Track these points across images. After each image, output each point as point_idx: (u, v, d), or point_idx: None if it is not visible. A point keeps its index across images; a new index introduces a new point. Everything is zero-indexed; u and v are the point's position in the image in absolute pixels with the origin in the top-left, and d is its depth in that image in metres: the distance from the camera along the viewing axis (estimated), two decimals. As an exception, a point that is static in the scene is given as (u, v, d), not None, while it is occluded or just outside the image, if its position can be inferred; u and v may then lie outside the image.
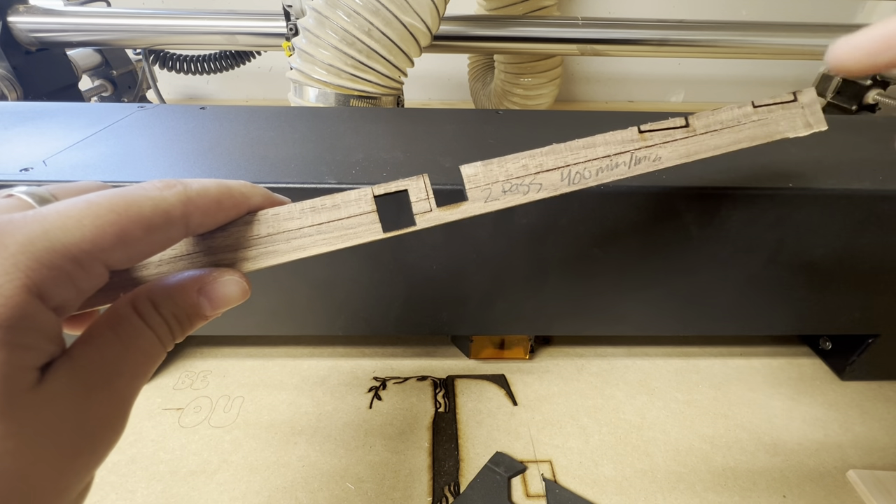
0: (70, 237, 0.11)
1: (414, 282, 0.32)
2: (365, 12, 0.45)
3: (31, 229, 0.11)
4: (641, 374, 0.38)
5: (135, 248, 0.13)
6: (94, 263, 0.12)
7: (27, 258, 0.11)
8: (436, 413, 0.34)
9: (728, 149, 0.19)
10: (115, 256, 0.12)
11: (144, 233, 0.13)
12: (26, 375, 0.11)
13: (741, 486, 0.30)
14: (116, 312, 0.14)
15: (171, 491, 0.28)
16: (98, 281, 0.12)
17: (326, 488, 0.29)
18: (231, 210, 0.15)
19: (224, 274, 0.15)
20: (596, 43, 0.64)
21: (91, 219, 0.12)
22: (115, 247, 0.12)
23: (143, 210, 0.13)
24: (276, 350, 0.39)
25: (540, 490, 0.29)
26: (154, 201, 0.13)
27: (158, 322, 0.14)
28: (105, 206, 0.12)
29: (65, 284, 0.11)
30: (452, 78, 1.01)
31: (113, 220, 0.12)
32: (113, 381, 0.13)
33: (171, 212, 0.13)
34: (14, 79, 0.61)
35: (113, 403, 0.13)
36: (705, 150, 0.19)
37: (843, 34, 0.15)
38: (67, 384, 0.12)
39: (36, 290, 0.11)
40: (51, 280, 0.11)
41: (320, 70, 0.48)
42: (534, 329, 0.36)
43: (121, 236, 0.12)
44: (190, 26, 0.62)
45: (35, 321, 0.11)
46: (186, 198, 0.14)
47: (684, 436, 0.33)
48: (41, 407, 0.11)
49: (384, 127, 0.36)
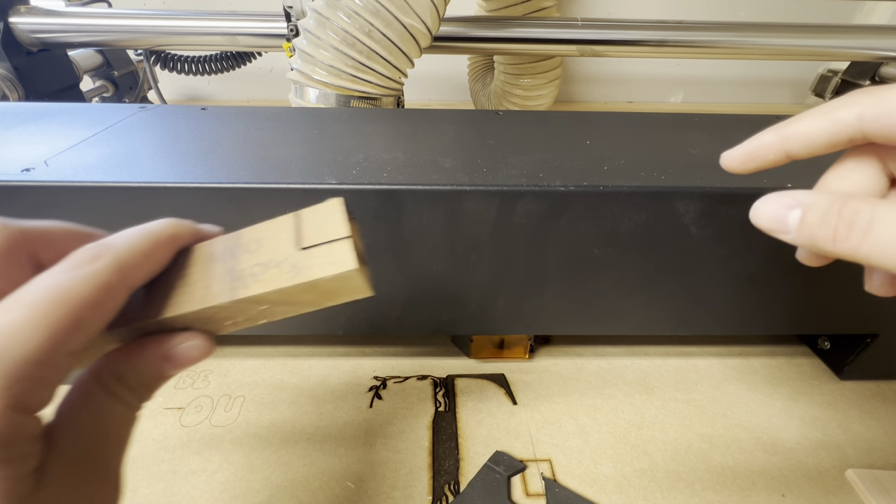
0: (29, 347, 0.11)
1: (414, 282, 0.32)
2: (365, 13, 0.45)
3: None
4: (640, 374, 0.38)
5: (91, 327, 0.13)
6: (60, 357, 0.12)
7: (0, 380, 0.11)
8: (436, 412, 0.34)
9: None
10: (73, 343, 0.12)
11: (93, 312, 0.13)
12: (27, 483, 0.11)
13: (740, 485, 0.30)
14: (84, 392, 0.14)
15: (172, 490, 0.29)
16: (66, 370, 0.13)
17: (327, 487, 0.29)
18: (163, 256, 0.15)
19: (187, 339, 0.15)
20: (595, 44, 0.64)
21: (41, 320, 0.11)
22: (73, 336, 0.12)
23: (85, 292, 0.12)
24: (277, 350, 0.39)
25: (539, 489, 0.29)
26: (90, 279, 0.13)
27: (125, 393, 0.14)
28: (48, 304, 0.12)
29: (39, 388, 0.12)
30: (452, 79, 1.02)
31: (62, 314, 0.12)
32: (100, 458, 0.13)
33: (109, 283, 0.13)
34: (15, 79, 0.61)
35: (105, 478, 0.13)
36: None
37: (843, 35, 0.16)
38: (63, 477, 0.12)
39: (17, 405, 0.11)
40: (26, 391, 0.11)
41: (321, 71, 0.48)
42: (534, 329, 0.36)
43: (74, 325, 0.12)
44: (191, 27, 0.63)
45: (23, 432, 0.11)
46: (119, 262, 0.13)
47: (683, 435, 0.33)
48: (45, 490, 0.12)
49: (384, 127, 0.37)
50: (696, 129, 0.38)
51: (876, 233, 0.13)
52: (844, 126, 0.16)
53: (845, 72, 0.84)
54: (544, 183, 0.28)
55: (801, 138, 0.16)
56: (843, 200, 0.14)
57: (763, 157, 0.17)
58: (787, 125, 0.17)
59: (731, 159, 0.18)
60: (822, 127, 0.16)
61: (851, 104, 0.16)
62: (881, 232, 0.13)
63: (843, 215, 0.14)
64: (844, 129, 0.16)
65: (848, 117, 0.16)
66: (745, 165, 0.18)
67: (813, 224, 0.15)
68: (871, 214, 0.13)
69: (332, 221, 0.16)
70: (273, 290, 0.15)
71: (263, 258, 0.16)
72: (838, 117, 0.16)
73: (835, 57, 0.66)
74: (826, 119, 0.16)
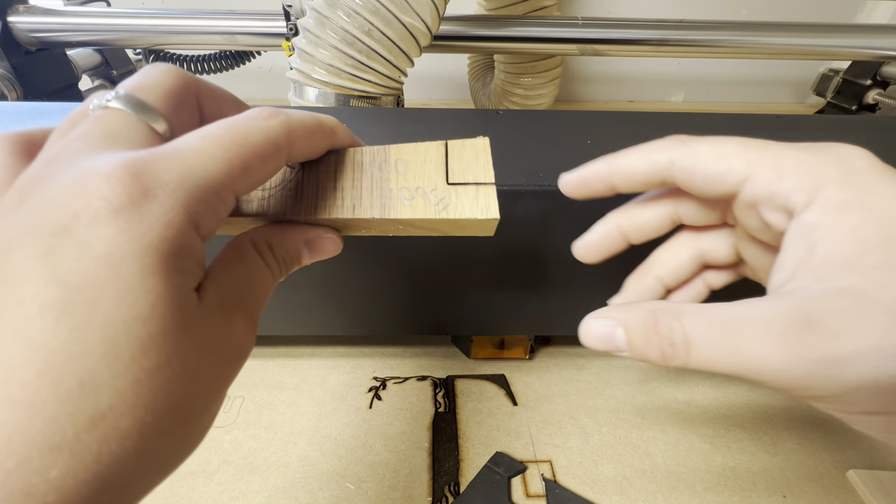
0: (210, 173, 0.12)
1: (414, 282, 0.32)
2: (365, 12, 0.45)
3: (179, 167, 0.12)
4: (641, 374, 0.38)
5: (254, 177, 0.14)
6: (228, 194, 0.13)
7: (185, 194, 0.12)
8: (436, 413, 0.34)
9: None
10: (241, 186, 0.13)
11: (261, 162, 0.13)
12: (192, 297, 0.12)
13: (741, 486, 0.29)
14: (240, 248, 0.15)
15: (170, 491, 0.28)
16: (229, 209, 0.14)
17: (326, 488, 0.29)
18: (322, 142, 0.16)
19: (327, 232, 0.17)
20: (596, 43, 0.64)
21: (221, 153, 0.12)
22: (241, 177, 0.13)
23: (258, 141, 0.13)
24: (276, 350, 0.39)
25: (540, 490, 0.29)
26: (264, 131, 0.14)
27: (272, 261, 0.16)
28: (229, 140, 0.13)
29: (211, 215, 0.13)
30: (452, 78, 1.01)
31: (237, 153, 0.13)
32: (247, 303, 0.14)
33: (278, 141, 0.14)
34: (14, 79, 0.61)
35: (247, 325, 0.14)
36: None
37: (844, 34, 0.15)
38: (217, 304, 0.13)
39: (194, 221, 0.12)
40: (202, 213, 0.12)
41: (320, 70, 0.48)
42: (534, 329, 0.36)
43: (244, 168, 0.13)
44: (190, 26, 0.62)
45: (193, 249, 0.12)
46: (289, 127, 0.14)
47: (684, 436, 0.33)
48: (207, 322, 0.13)
49: (384, 127, 0.36)
50: (698, 128, 0.38)
51: (695, 351, 0.14)
52: (659, 168, 0.17)
53: (846, 71, 0.84)
54: (544, 183, 0.28)
55: (624, 173, 0.18)
56: (655, 317, 0.14)
57: (593, 186, 0.18)
58: (615, 157, 0.18)
59: (566, 183, 0.19)
60: (642, 166, 0.17)
61: (667, 149, 0.17)
62: (700, 351, 0.14)
63: (661, 335, 0.14)
64: (659, 171, 0.17)
65: (663, 161, 0.17)
66: (578, 191, 0.19)
67: (639, 346, 0.15)
68: (684, 332, 0.14)
69: (479, 161, 0.17)
70: (419, 217, 0.16)
71: (411, 183, 0.16)
72: (656, 159, 0.17)
73: (836, 56, 0.66)
74: (646, 159, 0.17)
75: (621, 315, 0.15)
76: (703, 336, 0.14)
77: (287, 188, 0.17)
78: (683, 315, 0.14)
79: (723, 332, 0.13)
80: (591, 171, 0.18)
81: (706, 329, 0.14)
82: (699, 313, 0.14)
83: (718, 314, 0.14)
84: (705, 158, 0.16)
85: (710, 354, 0.13)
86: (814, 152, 0.15)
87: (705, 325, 0.14)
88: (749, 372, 0.13)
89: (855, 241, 0.13)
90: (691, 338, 0.14)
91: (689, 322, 0.14)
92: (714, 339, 0.13)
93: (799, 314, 0.13)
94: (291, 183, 0.17)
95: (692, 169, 0.16)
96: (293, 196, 0.17)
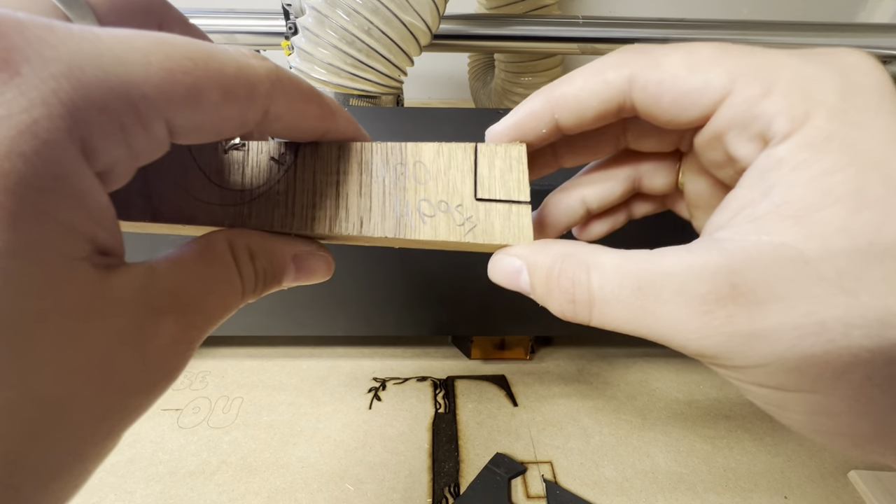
0: (130, 72, 0.08)
1: (414, 282, 0.32)
2: (365, 11, 0.44)
3: (78, 46, 0.08)
4: (642, 375, 0.38)
5: (205, 116, 0.10)
6: (155, 118, 0.09)
7: (71, 86, 0.07)
8: (436, 414, 0.34)
9: None
10: (180, 118, 0.09)
11: (221, 97, 0.10)
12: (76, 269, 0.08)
13: (742, 487, 0.29)
14: (210, 246, 0.12)
15: (169, 492, 0.28)
16: (154, 147, 0.09)
17: (326, 489, 0.29)
18: (313, 117, 0.13)
19: (319, 249, 0.15)
20: (596, 42, 0.63)
21: (160, 57, 0.09)
22: (184, 104, 0.09)
23: (226, 69, 0.10)
24: (276, 350, 0.39)
25: (540, 491, 0.29)
26: (239, 65, 0.10)
27: (249, 272, 0.13)
28: (180, 49, 0.09)
29: (114, 137, 0.08)
30: (452, 77, 1.01)
31: (187, 69, 0.09)
32: (188, 312, 0.11)
33: (256, 83, 0.10)
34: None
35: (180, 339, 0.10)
36: None
37: (845, 33, 0.15)
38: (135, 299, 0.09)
39: (78, 135, 0.08)
40: (98, 127, 0.08)
41: (320, 69, 0.48)
42: (534, 329, 0.36)
43: (193, 91, 0.09)
44: (189, 25, 0.62)
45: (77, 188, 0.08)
46: (276, 76, 0.11)
47: (685, 436, 0.33)
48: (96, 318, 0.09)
49: (384, 126, 0.36)
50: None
51: (600, 310, 0.12)
52: (615, 90, 0.13)
53: (847, 70, 0.83)
54: (545, 182, 0.28)
55: (571, 103, 0.14)
56: (561, 265, 0.12)
57: (532, 128, 0.14)
58: (555, 86, 0.14)
59: (496, 135, 0.15)
60: (592, 90, 0.13)
61: (623, 64, 0.13)
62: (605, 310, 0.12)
63: (563, 288, 0.12)
64: (615, 94, 0.13)
65: (618, 80, 0.13)
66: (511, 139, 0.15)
67: (541, 294, 0.13)
68: (589, 288, 0.12)
69: (513, 173, 0.14)
70: (440, 240, 0.13)
71: (432, 195, 0.14)
72: (609, 79, 0.13)
73: (837, 55, 0.65)
74: (596, 80, 0.13)
75: (529, 255, 0.13)
76: (610, 295, 0.12)
77: (274, 191, 0.14)
78: (593, 267, 0.12)
79: (634, 292, 0.12)
80: (527, 110, 0.14)
81: (616, 287, 0.12)
82: (612, 266, 0.12)
83: (633, 269, 0.12)
84: (675, 71, 0.12)
85: (616, 314, 0.12)
86: (813, 62, 0.11)
87: (616, 283, 0.12)
88: (656, 337, 0.12)
89: (817, 189, 0.10)
90: (597, 296, 0.12)
91: (598, 276, 0.12)
92: (623, 298, 0.12)
93: (723, 275, 0.11)
94: (280, 184, 0.14)
95: (657, 88, 0.12)
96: (283, 202, 0.14)
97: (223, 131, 0.11)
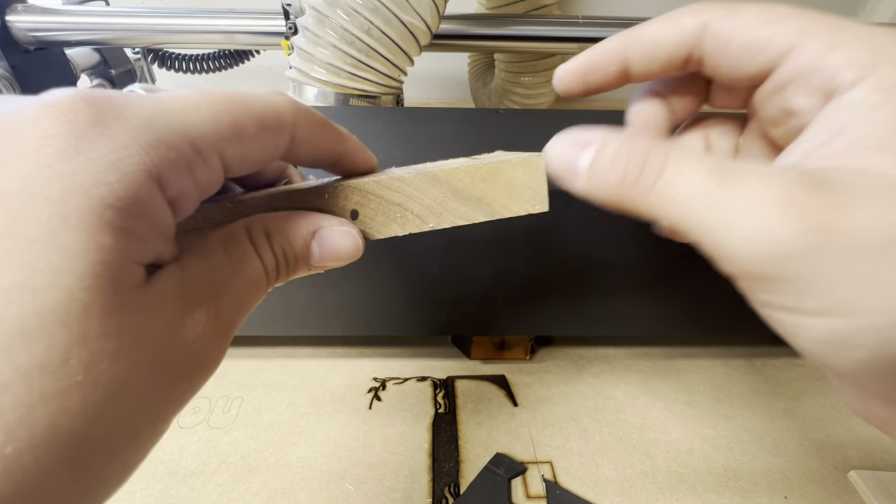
0: (189, 119, 0.11)
1: (414, 282, 0.32)
2: (365, 11, 0.44)
3: (150, 107, 0.10)
4: (642, 375, 0.38)
5: (247, 146, 0.12)
6: (212, 153, 0.11)
7: (147, 133, 0.10)
8: (436, 414, 0.34)
9: None
10: (229, 151, 0.12)
11: (258, 130, 0.12)
12: (135, 270, 0.10)
13: (742, 487, 0.29)
14: (230, 233, 0.13)
15: (169, 492, 0.28)
16: (214, 178, 0.12)
17: (326, 489, 0.29)
18: (330, 141, 0.15)
19: (342, 224, 0.14)
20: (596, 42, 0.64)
21: (208, 104, 0.11)
22: (230, 138, 0.11)
23: (257, 106, 0.12)
24: (275, 350, 0.39)
25: (540, 491, 0.29)
26: (265, 101, 0.12)
27: (268, 253, 0.13)
28: (220, 96, 0.11)
29: (183, 172, 0.10)
30: (452, 77, 1.01)
31: (228, 110, 0.11)
32: (220, 299, 0.12)
33: (282, 114, 0.13)
34: (12, 78, 0.61)
35: (217, 325, 0.12)
36: None
37: None
38: (175, 292, 0.11)
39: (155, 171, 0.10)
40: (170, 163, 0.10)
41: (319, 69, 0.48)
42: (534, 329, 0.36)
43: (235, 128, 0.11)
44: (188, 25, 0.62)
45: (149, 209, 0.10)
46: (297, 107, 0.13)
47: (685, 436, 0.33)
48: (146, 311, 0.10)
49: (384, 126, 0.36)
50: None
51: (667, 181, 0.11)
52: (689, 35, 0.14)
53: (847, 70, 0.83)
54: (545, 182, 0.28)
55: (644, 45, 0.14)
56: (639, 140, 0.12)
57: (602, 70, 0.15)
58: (632, 29, 0.15)
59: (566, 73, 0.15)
60: (668, 32, 0.14)
61: (699, 11, 0.13)
62: (672, 181, 0.11)
63: (632, 154, 0.12)
64: (688, 38, 0.14)
65: (693, 25, 0.13)
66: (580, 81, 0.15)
67: (604, 166, 0.12)
68: (664, 159, 0.11)
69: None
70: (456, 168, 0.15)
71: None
72: (685, 23, 0.14)
73: (837, 55, 0.65)
74: (674, 25, 0.14)
75: (601, 133, 0.13)
76: (684, 169, 0.11)
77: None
78: (673, 148, 0.12)
79: (709, 173, 0.11)
80: (602, 50, 0.15)
81: (692, 161, 0.11)
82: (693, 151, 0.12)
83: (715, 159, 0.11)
84: (748, 21, 0.13)
85: (680, 192, 0.11)
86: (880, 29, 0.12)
87: (693, 161, 0.11)
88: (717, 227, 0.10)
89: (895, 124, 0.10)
90: (669, 170, 0.11)
91: (676, 154, 0.11)
92: (697, 176, 0.11)
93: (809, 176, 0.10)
94: None
95: (728, 35, 0.13)
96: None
97: (263, 158, 0.13)
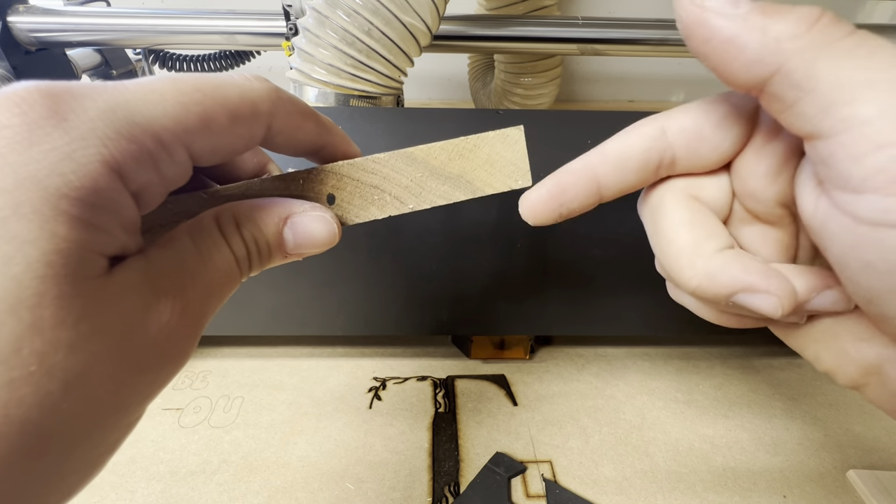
0: (152, 110, 0.10)
1: (414, 282, 0.32)
2: (365, 12, 0.45)
3: (110, 97, 0.10)
4: (642, 375, 0.38)
5: (218, 138, 0.11)
6: (177, 146, 0.11)
7: (106, 125, 0.09)
8: (436, 413, 0.34)
9: None
10: (198, 143, 0.11)
11: (229, 121, 0.11)
12: (94, 261, 0.10)
13: (741, 487, 0.29)
14: (198, 223, 0.12)
15: (170, 491, 0.28)
16: (180, 171, 0.11)
17: (326, 489, 0.29)
18: (311, 132, 0.14)
19: (315, 209, 0.14)
20: (596, 42, 0.64)
21: (174, 94, 0.10)
22: (198, 130, 0.11)
23: (230, 95, 0.11)
24: (276, 350, 0.39)
25: (540, 490, 0.29)
26: (241, 89, 0.12)
27: (238, 242, 0.13)
28: (189, 84, 0.11)
29: (146, 165, 0.10)
30: (452, 78, 1.01)
31: (198, 100, 0.11)
32: (186, 290, 0.11)
33: (258, 103, 0.12)
34: (14, 78, 0.61)
35: (184, 316, 0.11)
36: None
37: None
38: (138, 282, 0.10)
39: (114, 163, 0.09)
40: (131, 156, 0.10)
41: (320, 70, 0.48)
42: (534, 329, 0.36)
43: (205, 119, 0.11)
44: (189, 26, 0.62)
45: (109, 200, 0.10)
46: (276, 95, 0.12)
47: (685, 436, 0.33)
48: (107, 302, 0.10)
49: (384, 127, 0.36)
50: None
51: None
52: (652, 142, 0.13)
53: (847, 71, 0.83)
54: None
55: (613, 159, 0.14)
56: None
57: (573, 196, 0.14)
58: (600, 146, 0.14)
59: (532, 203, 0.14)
60: (631, 145, 0.13)
61: (654, 119, 0.13)
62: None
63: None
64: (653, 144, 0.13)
65: (653, 131, 0.13)
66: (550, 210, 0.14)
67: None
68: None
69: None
70: (432, 145, 0.15)
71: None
72: (644, 132, 0.13)
73: (836, 56, 0.65)
74: (635, 135, 0.13)
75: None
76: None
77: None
78: None
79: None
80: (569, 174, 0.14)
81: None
82: None
83: None
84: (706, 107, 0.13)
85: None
86: None
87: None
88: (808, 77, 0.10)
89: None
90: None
91: None
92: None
93: None
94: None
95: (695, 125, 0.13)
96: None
97: (236, 149, 0.12)
